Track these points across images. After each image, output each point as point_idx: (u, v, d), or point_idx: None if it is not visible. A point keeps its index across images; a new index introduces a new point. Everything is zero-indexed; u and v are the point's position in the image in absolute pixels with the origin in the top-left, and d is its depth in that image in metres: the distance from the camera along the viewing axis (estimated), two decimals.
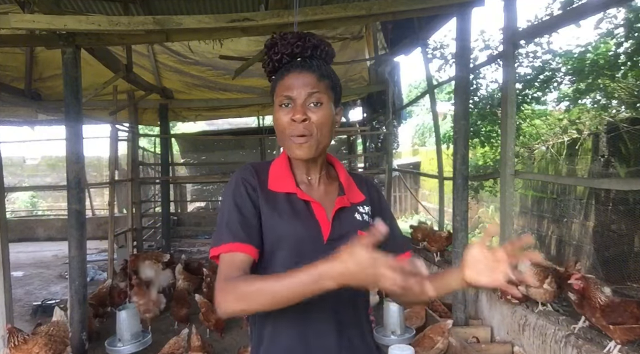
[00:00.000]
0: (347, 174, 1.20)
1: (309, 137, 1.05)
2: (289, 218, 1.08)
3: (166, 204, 7.00)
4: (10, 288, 2.90)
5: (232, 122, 12.75)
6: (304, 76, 1.05)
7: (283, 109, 1.07)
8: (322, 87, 1.06)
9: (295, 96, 1.04)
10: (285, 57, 1.08)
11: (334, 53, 1.15)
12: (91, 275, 5.97)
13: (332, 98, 1.09)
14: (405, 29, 5.60)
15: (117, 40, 3.63)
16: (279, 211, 1.08)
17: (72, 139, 3.27)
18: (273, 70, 1.12)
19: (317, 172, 1.15)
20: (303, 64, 1.07)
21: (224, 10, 4.81)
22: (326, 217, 1.09)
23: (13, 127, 9.37)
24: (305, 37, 1.09)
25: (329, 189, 1.16)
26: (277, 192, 1.11)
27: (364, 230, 1.09)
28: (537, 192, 6.90)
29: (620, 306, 2.26)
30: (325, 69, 1.09)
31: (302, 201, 1.10)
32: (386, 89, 6.40)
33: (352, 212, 1.13)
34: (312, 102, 1.05)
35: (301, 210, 1.09)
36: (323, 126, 1.06)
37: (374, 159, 7.32)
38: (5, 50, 5.38)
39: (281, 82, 1.07)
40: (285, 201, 1.10)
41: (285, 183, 1.11)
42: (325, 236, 1.08)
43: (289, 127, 1.05)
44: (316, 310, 1.07)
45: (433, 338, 3.10)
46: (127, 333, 3.57)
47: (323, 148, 1.10)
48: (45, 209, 12.94)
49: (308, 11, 3.09)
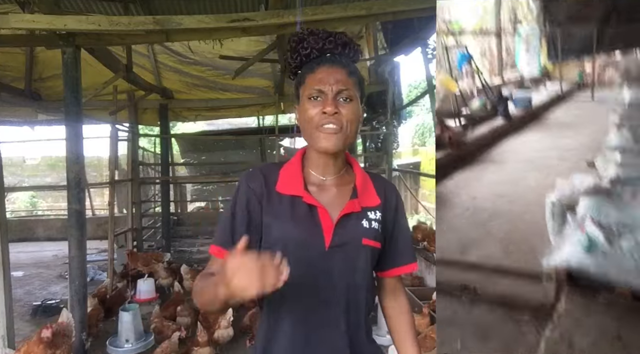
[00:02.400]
0: (366, 176, 1.16)
1: (338, 129, 1.03)
2: (287, 221, 1.06)
3: (166, 204, 7.00)
4: (10, 288, 2.89)
5: (232, 122, 12.73)
6: (336, 71, 1.05)
7: (312, 101, 1.05)
8: (352, 83, 1.06)
9: (326, 90, 1.03)
10: (315, 52, 1.08)
11: (361, 52, 1.15)
12: (91, 275, 5.96)
13: (359, 95, 1.08)
14: (405, 29, 5.59)
15: (117, 40, 3.63)
16: (278, 213, 1.07)
17: (72, 139, 3.27)
18: (299, 65, 1.11)
19: (334, 172, 1.13)
20: (333, 59, 1.08)
21: (224, 10, 4.82)
22: (331, 223, 1.07)
23: (13, 127, 9.36)
24: (335, 34, 1.09)
25: (342, 192, 1.12)
26: (283, 195, 1.09)
27: (369, 237, 1.09)
28: None
29: None
30: (354, 67, 1.10)
31: (306, 204, 1.07)
32: (386, 89, 6.40)
33: (359, 218, 1.10)
34: (343, 98, 1.04)
35: (304, 214, 1.07)
36: (352, 121, 1.05)
37: (374, 159, 7.32)
38: (5, 50, 5.37)
39: (311, 75, 1.06)
40: (288, 204, 1.08)
41: (293, 185, 1.09)
42: (327, 242, 1.05)
43: (318, 119, 1.04)
44: (321, 309, 1.07)
45: (434, 338, 3.09)
46: (130, 333, 3.57)
47: (349, 144, 1.08)
48: (45, 209, 12.93)
49: (308, 11, 3.09)
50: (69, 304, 3.32)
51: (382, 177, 1.28)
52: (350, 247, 1.07)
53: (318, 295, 1.06)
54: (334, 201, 1.10)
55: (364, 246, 1.08)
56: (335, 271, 1.06)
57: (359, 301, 1.10)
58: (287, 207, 1.07)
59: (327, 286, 1.06)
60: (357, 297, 1.09)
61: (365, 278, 1.10)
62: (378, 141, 7.19)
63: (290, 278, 1.05)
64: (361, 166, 1.19)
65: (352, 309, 1.09)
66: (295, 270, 1.03)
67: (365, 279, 1.10)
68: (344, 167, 1.15)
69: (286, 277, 0.82)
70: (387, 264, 1.18)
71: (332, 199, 1.10)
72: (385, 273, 1.20)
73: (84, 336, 3.26)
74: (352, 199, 1.10)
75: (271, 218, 1.07)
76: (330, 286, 1.06)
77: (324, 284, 1.06)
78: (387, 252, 1.16)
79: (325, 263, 1.06)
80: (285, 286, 1.03)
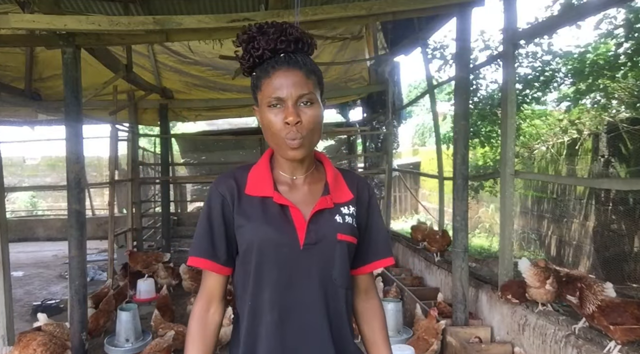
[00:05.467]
0: (337, 172, 1.15)
1: (301, 141, 1.01)
2: (259, 223, 1.05)
3: (166, 204, 7.00)
4: (10, 288, 2.90)
5: (232, 122, 12.72)
6: (293, 74, 1.00)
7: (272, 109, 1.02)
8: (311, 84, 1.02)
9: (285, 97, 1.00)
10: (267, 53, 1.02)
11: (315, 44, 1.09)
12: (91, 275, 5.97)
13: (319, 93, 1.06)
14: (405, 29, 5.59)
15: (117, 40, 3.62)
16: (249, 216, 1.06)
17: (72, 139, 3.27)
18: (252, 66, 1.06)
19: (303, 171, 1.11)
20: (289, 60, 1.01)
21: (224, 10, 4.82)
22: (303, 221, 1.05)
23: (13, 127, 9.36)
24: (286, 29, 1.02)
25: (313, 189, 1.11)
26: (253, 197, 1.07)
27: (344, 232, 1.07)
28: (537, 192, 6.91)
29: (620, 307, 2.26)
30: (310, 63, 1.05)
31: (277, 205, 1.06)
32: (386, 89, 6.40)
33: (332, 214, 1.08)
34: (303, 102, 1.01)
35: (276, 214, 1.06)
36: (315, 125, 1.02)
37: (374, 159, 7.31)
38: (5, 50, 5.37)
39: (267, 80, 1.01)
40: (259, 206, 1.06)
41: (262, 187, 1.08)
42: (302, 241, 1.04)
43: (282, 129, 1.01)
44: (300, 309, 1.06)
45: (427, 340, 3.10)
46: (128, 333, 3.58)
47: (314, 146, 1.07)
48: (45, 209, 12.94)
49: (308, 11, 3.09)
50: (69, 304, 3.32)
51: (353, 172, 1.26)
52: (325, 244, 1.06)
53: (296, 295, 1.05)
54: (305, 199, 1.08)
55: (339, 241, 1.07)
56: (312, 269, 1.05)
57: (338, 298, 1.08)
58: (258, 209, 1.06)
59: (304, 284, 1.05)
60: (335, 294, 1.08)
61: (343, 275, 1.08)
62: (378, 141, 7.18)
63: (267, 280, 1.04)
64: (331, 162, 1.17)
65: (331, 307, 1.07)
66: (272, 271, 1.04)
67: (343, 275, 1.08)
68: (313, 166, 1.13)
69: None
70: (360, 261, 1.16)
71: (303, 197, 1.09)
72: (359, 270, 1.17)
73: (84, 336, 3.26)
74: (324, 196, 1.09)
75: (243, 221, 1.06)
76: (307, 284, 1.05)
77: (300, 283, 1.05)
78: (360, 248, 1.14)
79: (301, 262, 1.04)
80: (262, 287, 1.05)
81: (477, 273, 3.99)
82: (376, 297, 1.23)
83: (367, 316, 1.20)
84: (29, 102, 6.11)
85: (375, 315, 1.20)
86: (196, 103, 7.22)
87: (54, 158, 14.13)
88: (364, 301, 1.20)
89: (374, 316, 1.20)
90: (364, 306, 1.20)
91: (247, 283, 1.06)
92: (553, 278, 2.82)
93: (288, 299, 1.04)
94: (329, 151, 9.73)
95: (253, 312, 1.06)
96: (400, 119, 7.65)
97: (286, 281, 1.04)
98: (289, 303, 1.04)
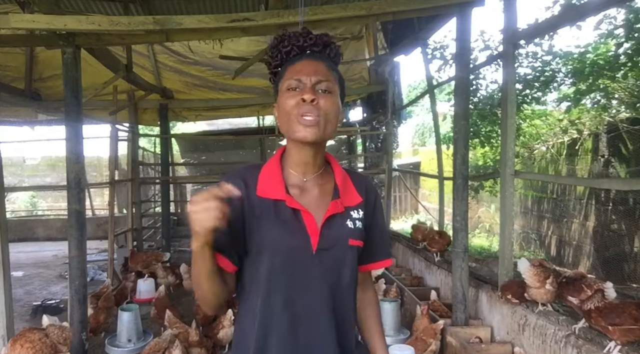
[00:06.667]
0: (345, 174, 1.15)
1: (317, 119, 1.01)
2: (271, 227, 1.04)
3: (166, 204, 7.00)
4: (10, 288, 2.89)
5: (232, 122, 12.74)
6: (315, 64, 1.05)
7: (291, 92, 1.03)
8: (332, 76, 1.05)
9: (305, 80, 1.02)
10: (295, 49, 1.07)
11: (341, 57, 1.14)
12: (91, 275, 5.97)
13: (339, 93, 1.07)
14: (405, 29, 5.60)
15: (117, 40, 3.62)
16: (261, 219, 1.05)
17: (72, 139, 3.26)
18: (280, 63, 1.10)
19: (314, 171, 1.11)
20: (314, 54, 1.07)
21: (224, 10, 4.81)
22: (315, 226, 1.05)
23: (13, 127, 9.36)
24: (316, 34, 1.09)
25: (323, 192, 1.11)
26: (265, 199, 1.06)
27: (355, 238, 1.09)
28: (537, 192, 6.91)
29: (618, 308, 2.26)
30: (334, 65, 1.10)
31: (290, 208, 1.05)
32: (386, 89, 6.40)
33: (344, 219, 1.09)
34: (322, 89, 1.03)
35: (288, 218, 1.05)
36: (331, 112, 1.03)
37: (374, 159, 7.31)
38: (5, 50, 5.37)
39: (291, 67, 1.06)
40: (271, 209, 1.05)
41: (275, 189, 1.07)
42: (314, 246, 1.04)
43: (296, 107, 1.01)
44: (309, 311, 1.05)
45: (425, 340, 3.09)
46: (130, 333, 3.57)
47: (327, 136, 1.06)
48: (45, 209, 12.94)
49: (308, 11, 3.08)
50: (69, 304, 3.32)
51: (360, 174, 1.27)
52: (338, 249, 1.07)
53: (306, 298, 1.05)
54: (316, 203, 1.08)
55: (350, 247, 1.08)
56: (323, 273, 1.06)
57: (346, 301, 1.10)
58: (271, 212, 1.05)
59: (314, 289, 1.05)
60: (343, 297, 1.09)
61: (351, 277, 1.10)
62: (378, 141, 7.19)
63: (279, 283, 1.04)
64: (339, 164, 1.18)
65: (338, 310, 1.08)
66: (283, 275, 1.04)
67: (350, 277, 1.10)
68: (324, 166, 1.14)
69: (237, 193, 0.92)
70: (363, 260, 1.17)
71: (314, 200, 1.09)
72: (360, 268, 1.18)
73: (84, 336, 3.26)
74: (334, 200, 1.09)
75: (255, 224, 1.05)
76: (317, 288, 1.05)
77: (311, 287, 1.05)
78: (364, 249, 1.15)
79: (313, 267, 1.05)
80: (273, 290, 1.02)
81: (477, 273, 3.99)
82: (371, 288, 1.28)
83: (363, 305, 1.24)
84: (29, 102, 6.11)
85: (370, 304, 1.25)
86: (196, 103, 7.22)
87: (54, 158, 14.13)
88: (360, 293, 1.24)
89: (369, 304, 1.25)
90: (360, 297, 1.24)
91: (257, 286, 1.06)
92: (553, 278, 2.82)
93: (298, 303, 1.05)
94: (329, 151, 9.69)
95: (263, 315, 1.05)
96: (400, 119, 7.65)
97: (297, 285, 1.04)
98: (299, 307, 1.05)
